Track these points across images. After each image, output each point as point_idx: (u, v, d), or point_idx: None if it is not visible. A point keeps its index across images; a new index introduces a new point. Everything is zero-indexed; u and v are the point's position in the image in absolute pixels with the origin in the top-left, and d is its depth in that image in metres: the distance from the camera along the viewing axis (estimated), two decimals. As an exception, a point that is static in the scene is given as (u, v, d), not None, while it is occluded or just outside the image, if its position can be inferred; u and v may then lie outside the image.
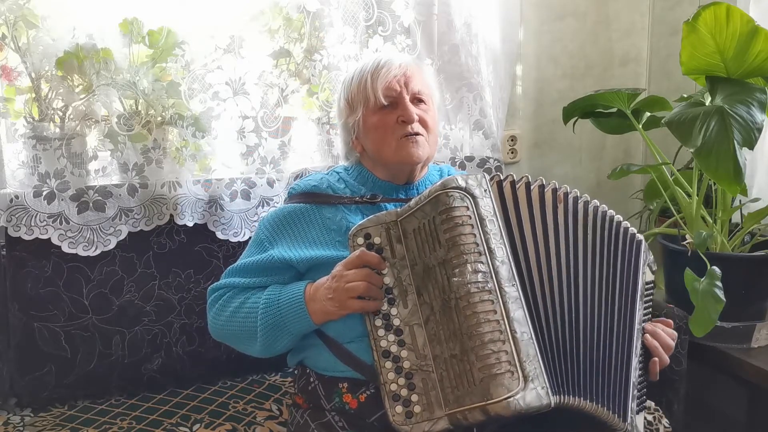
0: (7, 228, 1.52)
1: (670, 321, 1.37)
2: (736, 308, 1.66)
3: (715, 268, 1.54)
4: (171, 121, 1.64)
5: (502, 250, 1.16)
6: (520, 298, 1.14)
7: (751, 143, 1.49)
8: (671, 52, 2.17)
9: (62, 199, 1.56)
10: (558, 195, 1.25)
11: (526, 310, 1.14)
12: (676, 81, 2.13)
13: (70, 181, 1.57)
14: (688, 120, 1.55)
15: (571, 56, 2.21)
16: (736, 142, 1.48)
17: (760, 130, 1.50)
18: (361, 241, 1.25)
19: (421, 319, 1.19)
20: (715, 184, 1.75)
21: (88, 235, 1.58)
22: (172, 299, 1.66)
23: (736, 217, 1.88)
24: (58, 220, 1.55)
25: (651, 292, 1.35)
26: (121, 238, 1.61)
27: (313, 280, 1.30)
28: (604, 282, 1.25)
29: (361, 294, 1.21)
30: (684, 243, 1.70)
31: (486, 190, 1.20)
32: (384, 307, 1.22)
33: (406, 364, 1.18)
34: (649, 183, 1.94)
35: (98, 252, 1.58)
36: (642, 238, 1.33)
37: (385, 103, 1.39)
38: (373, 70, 1.40)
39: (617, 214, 1.31)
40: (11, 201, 1.52)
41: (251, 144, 1.73)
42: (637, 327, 1.27)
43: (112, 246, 1.60)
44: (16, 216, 1.52)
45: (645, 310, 1.31)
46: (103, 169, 1.63)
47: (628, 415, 1.20)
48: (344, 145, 1.49)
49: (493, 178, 1.23)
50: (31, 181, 1.56)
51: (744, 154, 1.50)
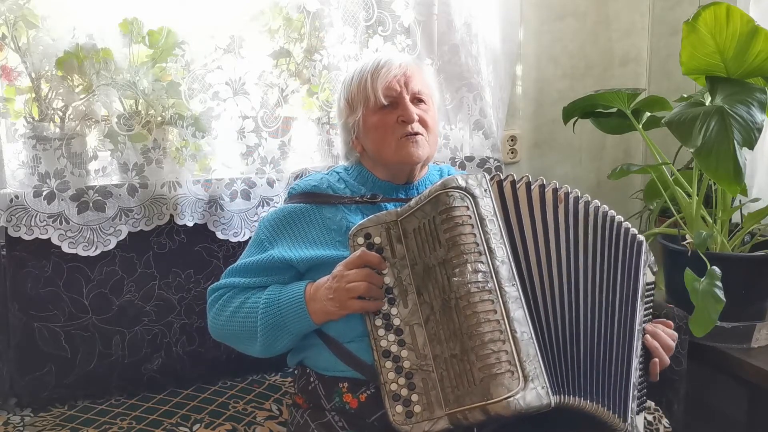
0: (7, 228, 1.52)
1: (670, 322, 1.37)
2: (736, 308, 1.66)
3: (715, 268, 1.54)
4: (171, 121, 1.64)
5: (502, 250, 1.16)
6: (520, 298, 1.14)
7: (751, 143, 1.49)
8: (671, 52, 2.17)
9: (62, 199, 1.56)
10: (558, 195, 1.25)
11: (526, 310, 1.14)
12: (676, 81, 2.13)
13: (70, 181, 1.57)
14: (688, 120, 1.55)
15: (571, 56, 2.21)
16: (736, 142, 1.48)
17: (760, 130, 1.50)
18: (362, 240, 1.25)
19: (421, 319, 1.19)
20: (715, 184, 1.75)
21: (88, 235, 1.58)
22: (172, 299, 1.66)
23: (736, 217, 1.88)
24: (58, 220, 1.55)
25: (651, 293, 1.35)
26: (121, 238, 1.61)
27: (314, 280, 1.30)
28: (605, 282, 1.25)
29: (362, 294, 1.21)
30: (684, 243, 1.70)
31: (486, 190, 1.20)
32: (384, 306, 1.22)
33: (407, 364, 1.18)
34: (649, 183, 1.94)
35: (98, 252, 1.58)
36: (643, 239, 1.33)
37: (385, 102, 1.39)
38: (373, 70, 1.40)
39: (617, 214, 1.31)
40: (11, 201, 1.52)
41: (251, 144, 1.73)
42: (637, 327, 1.27)
43: (112, 246, 1.60)
44: (16, 216, 1.52)
45: (645, 311, 1.31)
46: (103, 169, 1.63)
47: (629, 415, 1.20)
48: (344, 145, 1.49)
49: (494, 177, 1.23)
50: (31, 181, 1.56)
51: (744, 154, 1.50)
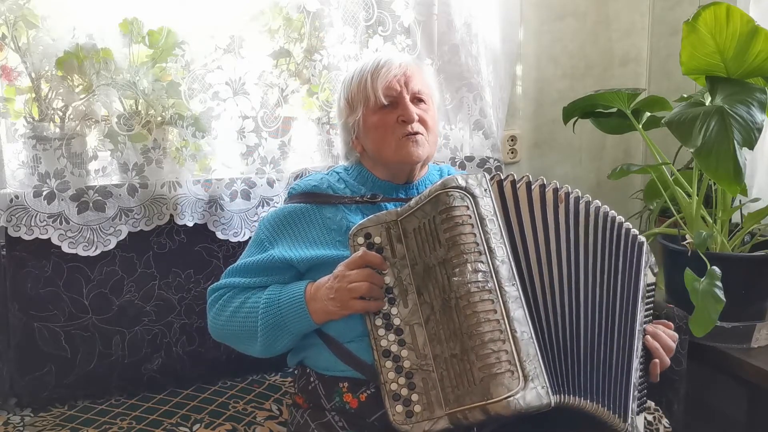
0: (7, 228, 1.52)
1: (671, 323, 1.37)
2: (736, 308, 1.66)
3: (715, 268, 1.54)
4: (171, 121, 1.64)
5: (502, 250, 1.16)
6: (520, 298, 1.14)
7: (751, 143, 1.49)
8: (671, 52, 2.17)
9: (62, 199, 1.56)
10: (559, 195, 1.25)
11: (526, 310, 1.14)
12: (676, 81, 2.13)
13: (70, 181, 1.57)
14: (688, 120, 1.55)
15: (571, 56, 2.21)
16: (736, 142, 1.48)
17: (760, 130, 1.50)
18: (362, 240, 1.25)
19: (421, 319, 1.19)
20: (715, 184, 1.75)
21: (88, 235, 1.58)
22: (172, 299, 1.66)
23: (736, 217, 1.87)
24: (58, 220, 1.55)
25: (652, 294, 1.35)
26: (121, 238, 1.61)
27: (314, 280, 1.30)
28: (605, 282, 1.25)
29: (364, 294, 1.21)
30: (684, 243, 1.69)
31: (486, 190, 1.20)
32: (384, 306, 1.22)
33: (407, 364, 1.18)
34: (649, 183, 1.94)
35: (98, 252, 1.58)
36: (644, 240, 1.33)
37: (385, 102, 1.39)
38: (373, 70, 1.40)
39: (617, 214, 1.31)
40: (11, 201, 1.52)
41: (251, 144, 1.73)
42: (638, 328, 1.27)
43: (112, 246, 1.60)
44: (16, 216, 1.52)
45: (646, 312, 1.31)
46: (103, 169, 1.63)
47: (629, 415, 1.20)
48: (344, 145, 1.49)
49: (494, 177, 1.23)
50: (31, 181, 1.56)
51: (744, 154, 1.50)
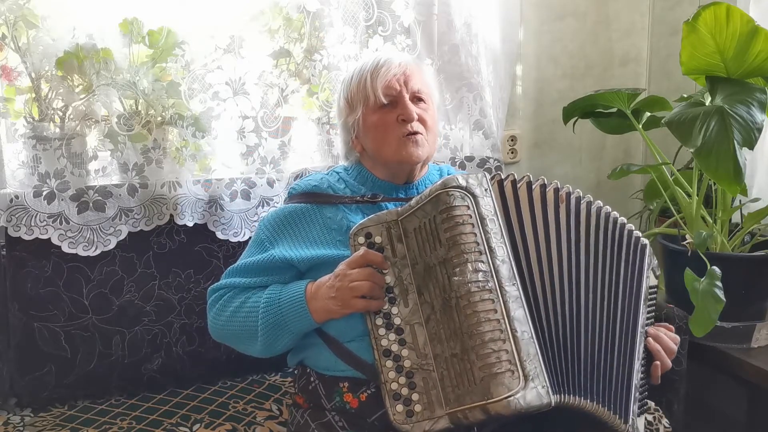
0: (7, 228, 1.52)
1: (672, 326, 1.37)
2: (736, 308, 1.66)
3: (715, 268, 1.54)
4: (171, 121, 1.64)
5: (502, 250, 1.16)
6: (521, 297, 1.14)
7: (751, 143, 1.49)
8: (671, 52, 2.17)
9: (62, 199, 1.56)
10: (560, 195, 1.25)
11: (527, 309, 1.14)
12: (676, 81, 2.13)
13: (70, 181, 1.57)
14: (688, 120, 1.55)
15: (571, 56, 2.21)
16: (736, 142, 1.48)
17: (760, 130, 1.50)
18: (362, 240, 1.25)
19: (421, 318, 1.19)
20: (715, 184, 1.75)
21: (88, 235, 1.58)
22: (172, 299, 1.66)
23: (736, 217, 1.88)
24: (58, 220, 1.55)
25: (654, 297, 1.35)
26: (121, 238, 1.61)
27: (314, 279, 1.30)
28: (607, 283, 1.25)
29: (365, 293, 1.21)
30: (684, 243, 1.69)
31: (487, 190, 1.20)
32: (385, 306, 1.22)
33: (407, 363, 1.18)
34: (649, 183, 1.94)
35: (98, 252, 1.58)
36: (647, 242, 1.33)
37: (385, 101, 1.39)
38: (372, 69, 1.40)
39: (619, 215, 1.30)
40: (11, 201, 1.52)
41: (251, 144, 1.73)
42: (640, 330, 1.27)
43: (112, 246, 1.60)
44: (16, 216, 1.52)
45: (648, 314, 1.31)
46: (103, 169, 1.63)
47: (630, 416, 1.20)
48: (344, 144, 1.49)
49: (494, 177, 1.22)
50: (31, 181, 1.55)
51: (744, 154, 1.50)
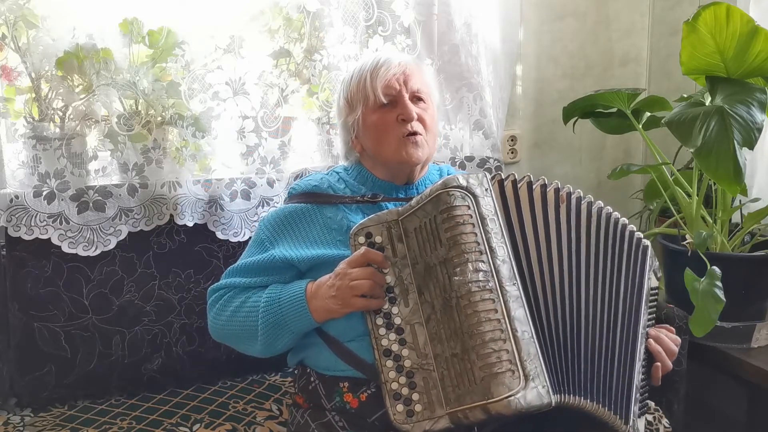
0: (7, 228, 1.52)
1: (673, 328, 1.37)
2: (736, 308, 1.66)
3: (715, 268, 1.54)
4: (171, 121, 1.64)
5: (503, 249, 1.16)
6: (521, 297, 1.14)
7: (751, 143, 1.49)
8: (671, 52, 2.17)
9: (62, 199, 1.56)
10: (561, 195, 1.25)
11: (527, 309, 1.14)
12: (676, 81, 2.13)
13: (70, 181, 1.57)
14: (688, 120, 1.55)
15: (571, 56, 2.21)
16: (736, 142, 1.48)
17: (760, 130, 1.50)
18: (363, 240, 1.25)
19: (422, 318, 1.19)
20: (715, 184, 1.75)
21: (88, 235, 1.58)
22: (172, 299, 1.66)
23: (736, 217, 1.88)
24: (58, 220, 1.55)
25: (655, 298, 1.34)
26: (121, 238, 1.61)
27: (315, 279, 1.30)
28: (608, 284, 1.24)
29: (365, 292, 1.21)
30: (684, 243, 1.69)
31: (487, 190, 1.19)
32: (385, 305, 1.22)
33: (407, 363, 1.18)
34: (649, 183, 1.94)
35: (98, 252, 1.58)
36: (648, 243, 1.32)
37: (385, 101, 1.39)
38: (372, 69, 1.40)
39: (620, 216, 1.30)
40: (11, 201, 1.52)
41: (251, 144, 1.73)
42: (641, 331, 1.27)
43: (112, 246, 1.60)
44: (16, 216, 1.52)
45: (649, 316, 1.31)
46: (103, 169, 1.63)
47: (631, 417, 1.20)
48: (344, 144, 1.49)
49: (495, 177, 1.22)
50: (31, 181, 1.55)
51: (744, 154, 1.50)
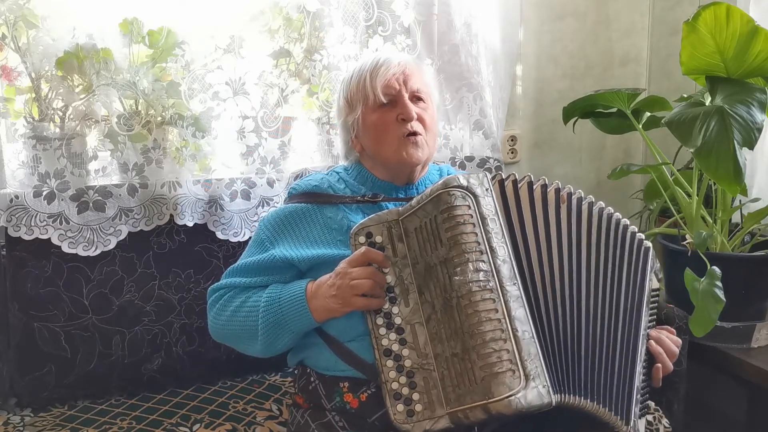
0: (7, 228, 1.52)
1: (673, 330, 1.37)
2: (736, 308, 1.66)
3: (715, 268, 1.54)
4: (171, 121, 1.64)
5: (503, 249, 1.16)
6: (522, 297, 1.14)
7: (751, 143, 1.49)
8: (671, 52, 2.17)
9: (62, 199, 1.56)
10: (561, 195, 1.25)
11: (528, 309, 1.14)
12: (676, 81, 2.13)
13: (70, 181, 1.57)
14: (688, 120, 1.55)
15: (571, 56, 2.21)
16: (736, 142, 1.48)
17: (760, 130, 1.50)
18: (363, 239, 1.25)
19: (422, 318, 1.19)
20: (715, 184, 1.75)
21: (88, 235, 1.58)
22: (172, 299, 1.66)
23: (736, 217, 1.88)
24: (58, 220, 1.55)
25: (656, 300, 1.34)
26: (121, 238, 1.61)
27: (315, 279, 1.30)
28: (609, 284, 1.24)
29: (366, 292, 1.21)
30: (684, 243, 1.69)
31: (488, 190, 1.19)
32: (385, 305, 1.22)
33: (408, 363, 1.18)
34: (649, 183, 1.94)
35: (98, 252, 1.58)
36: (650, 245, 1.32)
37: (384, 101, 1.39)
38: (372, 69, 1.40)
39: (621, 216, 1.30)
40: (11, 201, 1.52)
41: (251, 144, 1.73)
42: (642, 332, 1.26)
43: (112, 246, 1.60)
44: (16, 216, 1.52)
45: (650, 317, 1.31)
46: (103, 169, 1.63)
47: (632, 418, 1.19)
48: (344, 144, 1.49)
49: (495, 177, 1.22)
50: (31, 181, 1.55)
51: (744, 154, 1.50)
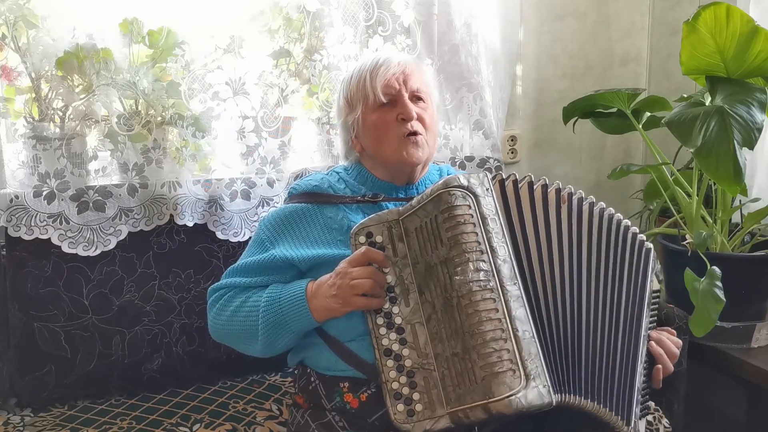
0: (7, 228, 1.52)
1: (674, 331, 1.37)
2: (736, 308, 1.66)
3: (715, 268, 1.54)
4: (171, 121, 1.64)
5: (504, 249, 1.16)
6: (522, 297, 1.14)
7: (751, 143, 1.49)
8: (671, 52, 2.17)
9: (62, 199, 1.56)
10: (561, 195, 1.25)
11: (528, 309, 1.14)
12: (676, 81, 2.13)
13: (70, 181, 1.57)
14: (688, 120, 1.55)
15: (571, 56, 2.21)
16: (736, 142, 1.48)
17: (760, 130, 1.50)
18: (363, 239, 1.25)
19: (422, 318, 1.19)
20: (715, 184, 1.75)
21: (88, 235, 1.58)
22: (172, 299, 1.66)
23: (736, 217, 1.88)
24: (58, 220, 1.55)
25: (657, 301, 1.34)
26: (121, 238, 1.60)
27: (315, 279, 1.30)
28: (610, 286, 1.24)
29: (366, 291, 1.21)
30: (684, 243, 1.69)
31: (488, 189, 1.19)
32: (386, 305, 1.22)
33: (408, 363, 1.18)
34: (649, 183, 1.94)
35: (98, 252, 1.58)
36: (651, 246, 1.32)
37: (384, 101, 1.39)
38: (372, 68, 1.40)
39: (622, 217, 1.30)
40: (11, 201, 1.52)
41: (251, 144, 1.73)
42: (643, 333, 1.26)
43: (112, 246, 1.60)
44: (16, 216, 1.52)
45: (651, 318, 1.31)
46: (103, 169, 1.63)
47: (632, 418, 1.19)
48: (344, 144, 1.49)
49: (495, 177, 1.22)
50: (31, 181, 1.55)
51: (744, 154, 1.50)
